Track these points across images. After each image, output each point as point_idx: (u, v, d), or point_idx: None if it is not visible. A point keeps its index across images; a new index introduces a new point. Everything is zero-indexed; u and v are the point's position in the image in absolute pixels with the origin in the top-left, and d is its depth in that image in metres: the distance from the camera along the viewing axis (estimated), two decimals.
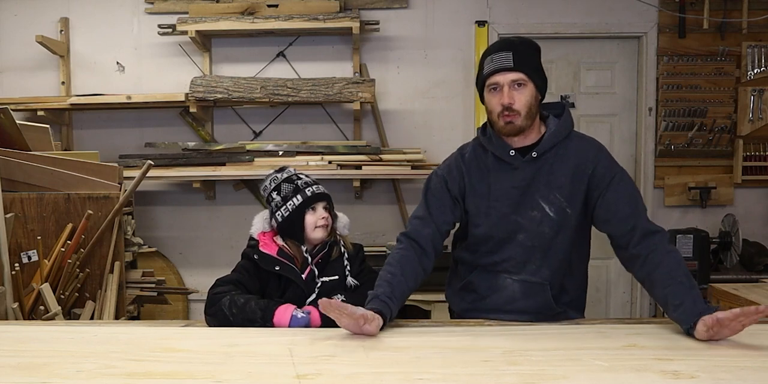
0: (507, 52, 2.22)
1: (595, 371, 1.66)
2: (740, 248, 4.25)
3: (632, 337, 2.02)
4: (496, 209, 2.30)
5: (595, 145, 2.36)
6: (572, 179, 2.27)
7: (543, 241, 2.29)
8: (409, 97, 4.83)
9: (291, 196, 2.40)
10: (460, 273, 2.48)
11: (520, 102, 2.21)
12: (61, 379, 1.64)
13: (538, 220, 2.28)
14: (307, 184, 2.43)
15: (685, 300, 2.02)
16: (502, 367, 1.71)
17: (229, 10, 4.64)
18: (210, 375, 1.67)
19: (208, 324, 2.27)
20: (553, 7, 4.74)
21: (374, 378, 1.64)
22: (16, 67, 4.84)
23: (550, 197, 2.27)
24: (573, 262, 2.36)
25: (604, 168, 2.29)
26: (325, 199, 2.44)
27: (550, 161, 2.29)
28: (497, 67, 2.22)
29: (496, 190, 2.31)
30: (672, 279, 2.08)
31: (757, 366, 1.70)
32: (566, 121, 2.34)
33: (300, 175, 2.47)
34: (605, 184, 2.27)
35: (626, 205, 2.26)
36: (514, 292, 2.33)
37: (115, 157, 4.55)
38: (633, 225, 2.23)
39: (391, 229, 4.75)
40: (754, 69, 4.69)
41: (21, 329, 2.21)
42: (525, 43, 2.28)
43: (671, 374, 1.63)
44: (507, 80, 2.20)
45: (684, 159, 4.78)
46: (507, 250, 2.32)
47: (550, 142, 2.29)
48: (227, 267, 2.53)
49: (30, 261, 3.30)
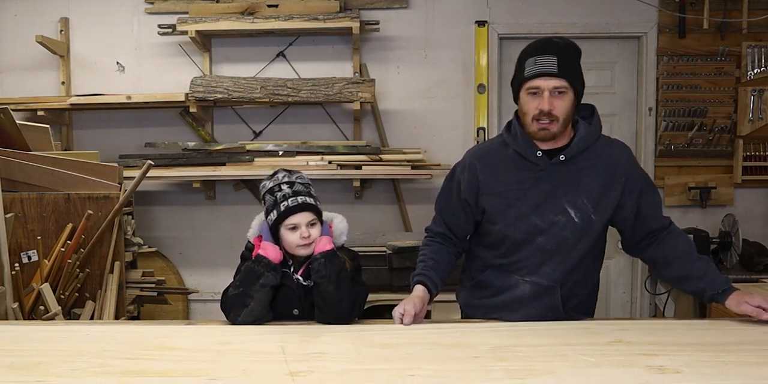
0: (552, 57, 2.16)
1: (582, 367, 1.68)
2: (740, 248, 4.24)
3: (618, 333, 2.04)
4: (515, 208, 2.28)
5: (626, 150, 2.36)
6: (603, 186, 2.25)
7: (564, 246, 2.27)
8: (409, 97, 4.83)
9: (271, 209, 2.32)
10: (472, 271, 2.49)
11: (559, 109, 2.16)
12: (56, 378, 1.65)
13: (562, 224, 2.25)
14: (285, 198, 2.28)
15: (709, 271, 2.24)
16: (491, 363, 1.72)
17: (229, 10, 4.64)
18: (204, 373, 1.68)
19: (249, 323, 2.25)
20: (553, 7, 4.73)
21: (365, 374, 1.66)
22: (16, 67, 4.86)
23: (578, 203, 2.24)
24: (588, 267, 2.36)
25: (635, 174, 2.32)
26: (306, 210, 2.29)
27: (579, 165, 2.25)
28: (541, 71, 2.16)
29: (516, 190, 2.28)
30: (689, 256, 2.29)
31: (739, 360, 1.73)
32: (596, 125, 2.31)
33: (282, 186, 2.31)
34: (638, 191, 2.29)
35: (653, 208, 2.33)
36: (525, 292, 2.32)
37: (115, 157, 4.55)
38: (659, 226, 2.34)
39: (391, 229, 4.74)
40: (754, 69, 4.68)
41: (15, 328, 2.22)
42: (569, 47, 2.23)
43: (657, 369, 1.65)
44: (549, 86, 2.15)
45: (684, 159, 4.77)
46: (524, 252, 2.30)
47: (580, 146, 2.25)
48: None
49: (30, 261, 3.31)
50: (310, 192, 2.34)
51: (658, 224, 2.34)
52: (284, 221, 2.28)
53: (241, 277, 2.27)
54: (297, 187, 2.32)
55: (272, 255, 2.26)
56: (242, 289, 2.23)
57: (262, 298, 2.24)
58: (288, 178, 2.35)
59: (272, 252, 2.27)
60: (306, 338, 2.03)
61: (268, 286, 2.24)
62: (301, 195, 2.30)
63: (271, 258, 2.25)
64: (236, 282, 2.28)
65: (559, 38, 2.29)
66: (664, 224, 2.35)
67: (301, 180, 2.36)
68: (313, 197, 2.33)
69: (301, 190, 2.32)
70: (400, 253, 3.82)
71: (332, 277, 2.23)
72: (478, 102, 4.72)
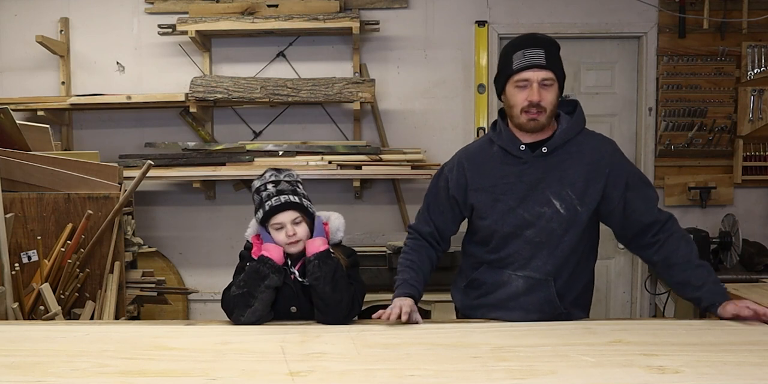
0: (539, 50, 2.23)
1: (583, 367, 1.68)
2: (740, 248, 4.23)
3: (618, 333, 2.05)
4: (502, 202, 2.32)
5: (609, 143, 2.41)
6: (586, 177, 2.29)
7: (551, 237, 2.30)
8: (409, 97, 4.82)
9: (258, 208, 2.36)
10: (465, 270, 2.52)
11: (546, 100, 2.23)
12: (56, 378, 1.66)
13: (548, 216, 2.29)
14: (269, 197, 2.30)
15: (707, 281, 2.25)
16: (491, 363, 1.72)
17: (229, 10, 4.65)
18: (203, 372, 1.68)
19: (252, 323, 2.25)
20: (553, 7, 4.73)
21: (366, 374, 1.66)
22: (16, 67, 4.85)
23: (562, 194, 2.28)
24: (580, 260, 2.38)
25: (621, 167, 2.34)
26: (288, 210, 2.30)
27: (562, 157, 2.30)
28: (530, 63, 2.22)
29: (502, 184, 2.32)
30: (689, 263, 2.29)
31: (739, 361, 1.73)
32: (578, 118, 2.37)
33: (267, 185, 2.33)
34: (623, 183, 2.32)
35: (644, 203, 2.34)
36: (518, 287, 2.34)
37: (115, 157, 4.56)
38: (651, 220, 2.33)
39: (391, 229, 4.74)
40: (754, 69, 4.67)
41: (14, 329, 2.22)
42: (552, 42, 2.30)
43: (657, 369, 1.65)
44: (538, 78, 2.22)
45: (684, 159, 4.76)
46: (513, 246, 2.33)
47: (562, 138, 2.30)
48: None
49: (30, 261, 3.31)
50: (295, 190, 2.33)
51: (651, 218, 2.33)
52: (269, 221, 2.31)
53: (246, 277, 2.27)
54: (282, 186, 2.32)
55: (276, 256, 2.27)
56: (246, 290, 2.23)
57: (266, 299, 2.25)
58: (275, 177, 2.35)
59: (275, 253, 2.28)
60: (306, 338, 2.03)
61: (273, 287, 2.25)
62: (284, 194, 2.30)
63: (275, 259, 2.26)
64: (239, 282, 2.28)
65: (541, 35, 2.35)
66: (659, 219, 2.34)
67: (288, 178, 2.36)
68: (298, 195, 2.33)
69: (285, 189, 2.32)
70: (400, 253, 3.80)
71: (328, 278, 2.24)
72: (478, 102, 4.72)
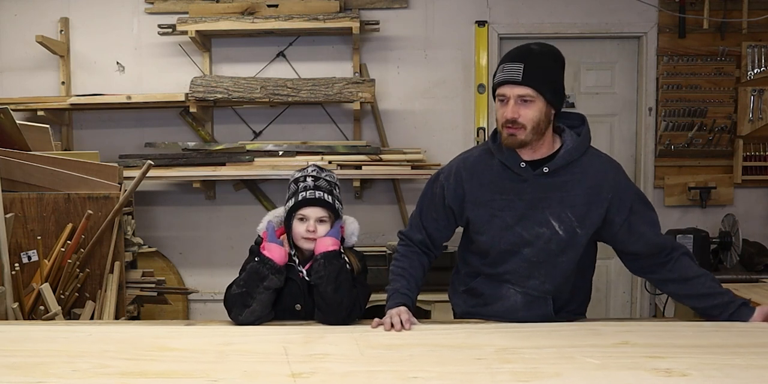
0: (518, 64, 2.13)
1: (588, 369, 1.67)
2: (740, 248, 4.23)
3: (624, 334, 2.03)
4: (499, 218, 2.26)
5: (614, 166, 2.31)
6: (588, 200, 2.22)
7: (549, 257, 2.25)
8: (409, 97, 4.82)
9: (290, 197, 2.36)
10: (464, 277, 2.47)
11: (525, 117, 2.13)
12: (57, 378, 1.65)
13: (546, 237, 2.23)
14: (305, 189, 2.32)
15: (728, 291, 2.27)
16: (496, 365, 1.71)
17: (229, 10, 4.64)
18: (205, 374, 1.68)
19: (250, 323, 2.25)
20: (553, 7, 4.73)
21: (368, 376, 1.65)
22: (16, 67, 4.85)
23: (562, 216, 2.22)
24: (579, 277, 2.35)
25: (624, 193, 2.26)
26: (319, 206, 2.32)
27: (564, 178, 2.22)
28: (505, 78, 2.14)
29: (500, 200, 2.26)
30: (706, 275, 2.28)
31: (746, 364, 1.72)
32: (584, 138, 2.26)
33: (307, 178, 2.35)
34: (627, 209, 2.25)
35: (649, 227, 2.29)
36: (516, 302, 2.31)
37: (115, 157, 4.55)
38: (659, 241, 2.29)
39: (391, 229, 4.73)
40: (754, 69, 4.67)
41: (15, 329, 2.21)
42: (543, 54, 2.18)
43: (663, 372, 1.64)
44: (513, 94, 2.13)
45: (684, 159, 4.76)
46: (511, 263, 2.29)
47: (565, 159, 2.21)
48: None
49: (30, 261, 3.30)
50: (332, 191, 2.36)
51: (658, 239, 2.29)
52: (297, 211, 2.32)
53: (246, 276, 2.27)
54: (320, 183, 2.35)
55: (277, 256, 2.26)
56: (245, 289, 2.23)
57: (265, 300, 2.24)
58: (317, 173, 2.39)
59: (277, 253, 2.27)
60: (309, 339, 2.02)
61: (272, 288, 2.24)
62: (320, 190, 2.33)
63: (276, 260, 2.25)
64: (240, 280, 2.28)
65: (538, 45, 2.23)
66: (665, 243, 2.30)
67: (329, 178, 2.39)
68: (333, 196, 2.36)
69: (323, 186, 2.35)
70: None
71: (331, 278, 2.23)
72: (478, 102, 4.72)
